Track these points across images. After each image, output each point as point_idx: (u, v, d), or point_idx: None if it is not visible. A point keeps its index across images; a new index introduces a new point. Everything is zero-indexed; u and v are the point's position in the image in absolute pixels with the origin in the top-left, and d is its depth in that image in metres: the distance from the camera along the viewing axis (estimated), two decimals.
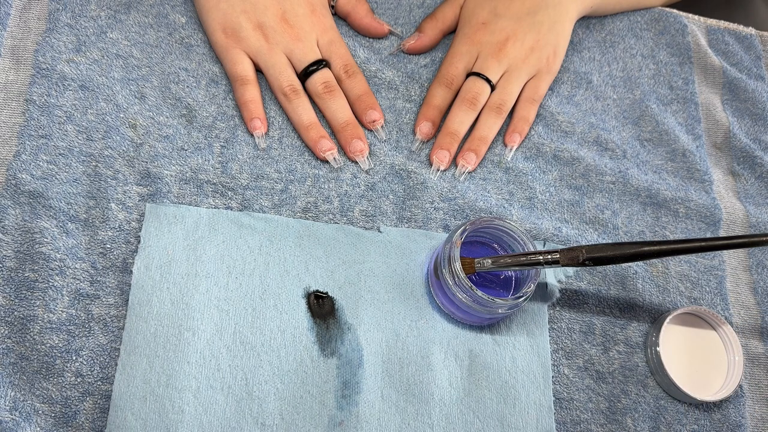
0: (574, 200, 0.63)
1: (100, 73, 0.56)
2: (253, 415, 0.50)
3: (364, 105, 0.61)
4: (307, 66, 0.60)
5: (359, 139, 0.59)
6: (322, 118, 0.61)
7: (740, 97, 0.71)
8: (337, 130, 0.60)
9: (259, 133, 0.58)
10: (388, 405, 0.52)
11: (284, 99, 0.59)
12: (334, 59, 0.62)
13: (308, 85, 0.60)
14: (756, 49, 0.74)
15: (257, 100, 0.59)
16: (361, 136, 0.60)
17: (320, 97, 0.60)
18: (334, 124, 0.60)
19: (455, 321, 0.55)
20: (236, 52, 0.59)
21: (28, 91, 0.54)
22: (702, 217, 0.64)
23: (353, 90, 0.61)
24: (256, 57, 0.59)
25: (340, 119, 0.60)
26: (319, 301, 0.53)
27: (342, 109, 0.60)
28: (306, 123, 0.59)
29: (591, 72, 0.69)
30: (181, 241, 0.53)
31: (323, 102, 0.60)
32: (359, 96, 0.61)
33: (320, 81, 0.60)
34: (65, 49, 0.56)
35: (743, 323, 0.61)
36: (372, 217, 0.58)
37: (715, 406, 0.57)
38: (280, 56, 0.59)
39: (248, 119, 0.58)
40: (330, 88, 0.60)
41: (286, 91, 0.59)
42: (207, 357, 0.50)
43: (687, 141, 0.67)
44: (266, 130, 0.59)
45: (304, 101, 0.59)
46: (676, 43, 0.72)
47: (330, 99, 0.60)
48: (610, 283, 0.59)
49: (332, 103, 0.60)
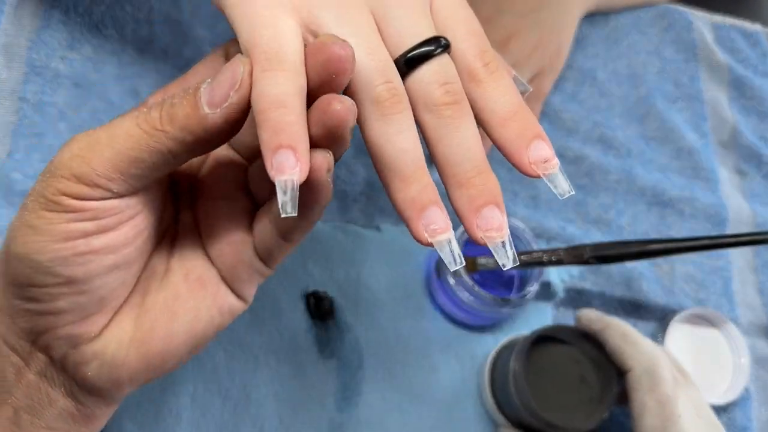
0: (578, 199, 0.62)
1: (94, 70, 0.56)
2: (251, 418, 0.49)
3: (519, 129, 0.30)
4: (410, 48, 0.30)
5: (497, 206, 0.30)
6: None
7: (746, 94, 0.71)
8: (461, 183, 0.29)
9: (289, 180, 0.26)
10: (389, 407, 0.51)
11: (373, 111, 0.29)
12: (460, 36, 0.31)
13: (412, 85, 0.30)
14: (762, 46, 0.73)
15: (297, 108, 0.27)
16: (499, 200, 0.30)
17: (434, 112, 0.29)
18: (456, 172, 0.30)
19: (457, 321, 0.55)
20: (272, 8, 0.29)
21: (21, 89, 0.54)
22: (708, 216, 0.63)
23: (498, 101, 0.31)
24: (309, 17, 0.29)
25: (467, 164, 0.29)
26: (317, 301, 0.52)
27: (471, 142, 0.30)
28: (408, 166, 0.29)
29: (595, 69, 0.68)
30: None
31: (437, 125, 0.30)
32: (508, 112, 0.31)
33: (436, 80, 0.30)
34: (59, 46, 0.55)
35: (749, 324, 0.60)
36: (371, 215, 0.57)
37: (721, 409, 0.56)
38: (364, 16, 0.30)
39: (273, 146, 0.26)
40: (455, 96, 0.30)
41: (381, 93, 0.28)
42: (204, 360, 0.50)
43: (693, 139, 0.67)
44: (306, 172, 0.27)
45: (407, 118, 0.29)
46: (681, 39, 0.71)
47: (452, 120, 0.29)
48: (614, 283, 0.59)
49: (454, 131, 0.29)
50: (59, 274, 0.28)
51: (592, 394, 0.49)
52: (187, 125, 0.27)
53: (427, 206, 0.29)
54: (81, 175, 0.27)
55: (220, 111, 0.27)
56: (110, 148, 0.28)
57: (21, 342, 0.31)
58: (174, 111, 0.28)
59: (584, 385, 0.49)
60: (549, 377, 0.49)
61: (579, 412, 0.48)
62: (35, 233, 0.28)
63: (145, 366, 0.32)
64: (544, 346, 0.50)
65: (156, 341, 0.32)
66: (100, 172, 0.27)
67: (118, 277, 0.31)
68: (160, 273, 0.33)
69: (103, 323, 0.31)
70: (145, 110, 0.28)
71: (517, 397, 0.48)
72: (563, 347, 0.50)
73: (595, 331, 0.49)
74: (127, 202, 0.29)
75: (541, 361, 0.49)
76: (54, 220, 0.28)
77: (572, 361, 0.50)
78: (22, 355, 0.31)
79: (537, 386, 0.48)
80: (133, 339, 0.32)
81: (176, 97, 0.28)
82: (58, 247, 0.28)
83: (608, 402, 0.48)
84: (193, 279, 0.33)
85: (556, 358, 0.50)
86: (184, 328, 0.33)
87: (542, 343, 0.50)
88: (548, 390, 0.49)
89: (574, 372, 0.50)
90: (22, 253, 0.28)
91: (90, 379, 0.31)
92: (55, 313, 0.29)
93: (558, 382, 0.49)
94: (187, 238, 0.34)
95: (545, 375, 0.49)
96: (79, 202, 0.28)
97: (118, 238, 0.30)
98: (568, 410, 0.48)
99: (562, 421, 0.47)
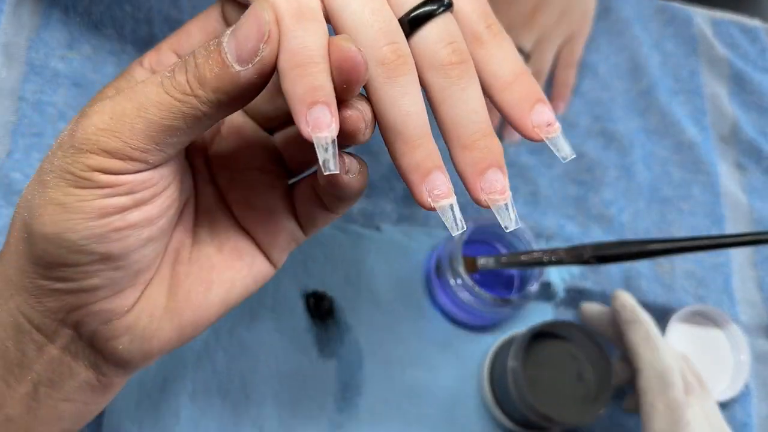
0: (579, 195, 0.62)
1: (93, 70, 0.55)
2: (250, 418, 0.49)
3: (522, 93, 0.30)
4: (414, 7, 0.28)
5: (500, 169, 0.29)
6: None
7: (746, 89, 0.70)
8: (466, 145, 0.29)
9: (328, 137, 0.26)
10: (389, 407, 0.51)
11: (378, 74, 0.27)
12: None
13: (417, 45, 0.29)
14: (762, 41, 0.73)
15: (327, 61, 0.26)
16: (502, 162, 0.30)
17: (440, 72, 0.28)
18: (461, 133, 0.29)
19: (457, 321, 0.54)
20: None
21: (20, 89, 0.54)
22: (707, 211, 0.63)
23: (501, 64, 0.30)
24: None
25: (472, 126, 0.29)
26: (317, 301, 0.52)
27: (477, 104, 0.29)
28: (414, 129, 0.28)
29: (597, 62, 0.68)
30: None
31: (443, 85, 0.28)
32: (511, 75, 0.30)
33: (441, 39, 0.28)
34: (58, 45, 0.55)
35: (750, 321, 0.60)
36: (371, 215, 0.57)
37: (721, 406, 0.56)
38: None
39: (309, 101, 0.25)
40: (461, 56, 0.28)
41: (387, 55, 0.27)
42: (203, 359, 0.50)
43: (693, 133, 0.67)
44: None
45: (413, 80, 0.28)
46: (681, 33, 0.71)
47: (458, 80, 0.28)
48: (614, 281, 0.59)
49: (460, 92, 0.29)
50: (94, 252, 0.27)
51: (589, 390, 0.49)
52: (219, 86, 0.26)
53: (432, 171, 0.28)
54: (114, 150, 0.26)
55: (252, 67, 0.25)
56: (142, 119, 0.26)
57: (47, 320, 0.29)
58: (202, 73, 0.26)
59: (581, 381, 0.50)
60: (547, 372, 0.50)
61: (576, 407, 0.49)
62: (65, 211, 0.26)
63: (178, 336, 0.32)
64: (543, 342, 0.50)
65: (190, 311, 0.32)
66: (135, 145, 0.26)
67: (153, 249, 0.30)
68: (187, 244, 0.33)
69: (136, 297, 0.31)
70: (169, 74, 0.26)
71: (515, 392, 0.48)
72: (561, 343, 0.51)
73: (621, 320, 0.49)
74: (161, 172, 0.28)
75: (539, 357, 0.50)
76: (86, 197, 0.26)
77: (570, 356, 0.50)
78: (47, 333, 0.30)
79: (535, 381, 0.49)
80: (166, 310, 0.31)
81: (198, 55, 0.26)
82: (93, 224, 0.27)
83: (605, 397, 0.48)
84: (228, 250, 0.33)
85: (554, 354, 0.50)
86: (219, 298, 0.33)
87: (540, 338, 0.50)
88: (546, 385, 0.49)
89: (572, 367, 0.50)
90: (51, 232, 0.27)
91: (120, 353, 0.31)
92: (88, 290, 0.28)
93: (556, 378, 0.49)
94: (213, 210, 0.34)
95: (543, 370, 0.49)
96: (114, 177, 0.27)
97: (153, 210, 0.29)
98: (566, 405, 0.48)
99: (560, 415, 0.47)
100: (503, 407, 0.51)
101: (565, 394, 0.49)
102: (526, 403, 0.47)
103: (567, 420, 0.47)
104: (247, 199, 0.34)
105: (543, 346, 0.50)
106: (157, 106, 0.26)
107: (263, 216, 0.33)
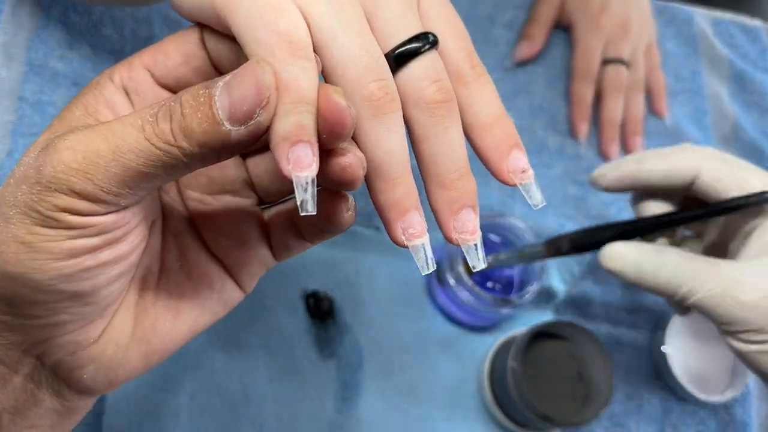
0: (579, 195, 0.62)
1: (93, 70, 0.55)
2: (250, 418, 0.49)
3: (502, 137, 0.30)
4: (400, 44, 0.28)
5: (473, 209, 0.29)
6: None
7: (747, 89, 0.70)
8: (444, 184, 0.28)
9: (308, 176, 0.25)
10: (389, 407, 0.51)
11: (364, 109, 0.27)
12: (449, 36, 0.30)
13: (402, 81, 0.28)
14: (762, 41, 0.73)
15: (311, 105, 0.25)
16: (475, 202, 0.29)
17: (425, 110, 0.28)
18: (440, 171, 0.28)
19: (457, 321, 0.54)
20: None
21: (20, 89, 0.53)
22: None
23: (484, 106, 0.30)
24: (302, 5, 0.27)
25: (451, 166, 0.28)
26: (317, 301, 0.52)
27: (457, 144, 0.28)
28: (395, 168, 0.27)
29: None
30: None
31: (426, 123, 0.28)
32: (492, 117, 0.30)
33: (428, 77, 0.28)
34: (58, 45, 0.55)
35: None
36: (371, 215, 0.57)
37: (721, 406, 0.56)
38: (357, 10, 0.28)
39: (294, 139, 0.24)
40: (446, 94, 0.28)
41: (374, 92, 0.26)
42: (203, 359, 0.50)
43: (694, 133, 0.66)
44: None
45: (398, 118, 0.27)
46: (682, 33, 0.71)
47: (442, 119, 0.28)
48: (615, 282, 0.59)
49: (443, 132, 0.28)
50: (63, 291, 0.26)
51: (590, 389, 0.49)
52: (206, 142, 0.24)
53: (409, 210, 0.28)
54: (85, 192, 0.24)
55: (245, 129, 0.24)
56: (118, 164, 0.24)
57: (9, 353, 0.28)
58: (188, 124, 0.24)
59: (581, 381, 0.50)
60: (547, 372, 0.49)
61: (576, 407, 0.48)
62: (31, 250, 0.25)
63: (144, 363, 0.31)
64: (542, 342, 0.50)
65: (157, 339, 0.31)
66: (108, 189, 0.24)
67: (122, 283, 0.29)
68: (154, 269, 0.32)
69: (103, 327, 0.29)
70: (151, 119, 0.24)
71: (515, 391, 0.48)
72: (561, 343, 0.50)
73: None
74: (133, 210, 0.27)
75: (539, 357, 0.50)
76: (54, 237, 0.25)
77: (570, 356, 0.50)
78: (9, 364, 0.28)
79: (535, 381, 0.48)
80: (132, 338, 0.30)
81: (186, 105, 0.24)
82: (61, 265, 0.25)
83: (605, 397, 0.48)
84: (197, 277, 0.32)
85: (554, 354, 0.50)
86: (187, 325, 0.32)
87: (540, 338, 0.50)
88: (546, 385, 0.49)
89: (572, 367, 0.50)
90: (15, 272, 0.25)
91: (84, 381, 0.30)
92: (55, 325, 0.27)
93: (556, 378, 0.49)
94: (182, 234, 0.33)
95: (543, 370, 0.49)
96: (84, 218, 0.25)
97: (125, 248, 0.27)
98: (566, 405, 0.48)
99: (560, 415, 0.47)
100: (503, 407, 0.51)
101: (565, 394, 0.49)
102: (526, 403, 0.47)
103: (567, 420, 0.47)
104: (218, 224, 0.33)
105: (543, 346, 0.50)
106: (135, 152, 0.24)
107: (235, 242, 0.32)
